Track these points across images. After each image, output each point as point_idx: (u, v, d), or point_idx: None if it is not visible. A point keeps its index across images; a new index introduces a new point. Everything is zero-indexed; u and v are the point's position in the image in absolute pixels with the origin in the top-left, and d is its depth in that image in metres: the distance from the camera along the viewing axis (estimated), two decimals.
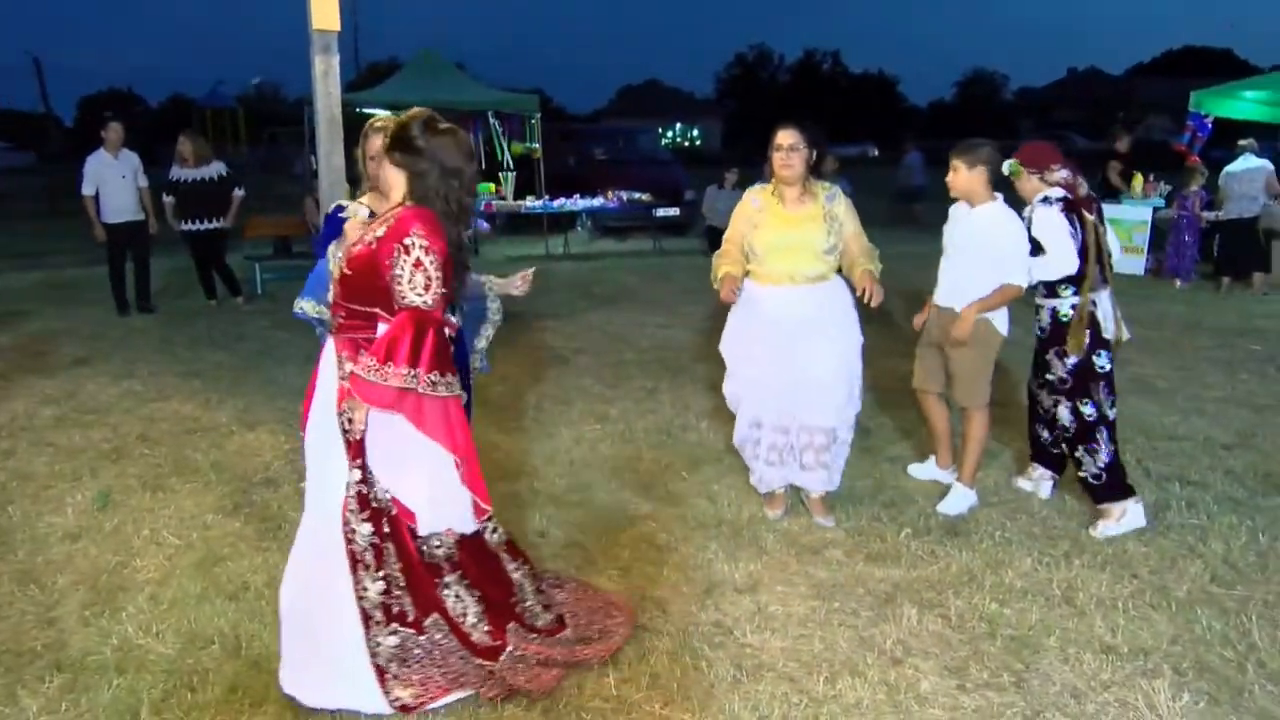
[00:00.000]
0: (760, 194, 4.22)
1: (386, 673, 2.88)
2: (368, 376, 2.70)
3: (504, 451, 5.24)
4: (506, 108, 14.27)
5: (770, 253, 4.11)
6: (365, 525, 2.86)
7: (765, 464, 4.30)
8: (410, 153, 2.85)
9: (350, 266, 2.83)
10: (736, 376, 4.32)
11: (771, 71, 73.41)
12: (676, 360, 7.34)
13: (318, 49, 4.57)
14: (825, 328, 4.12)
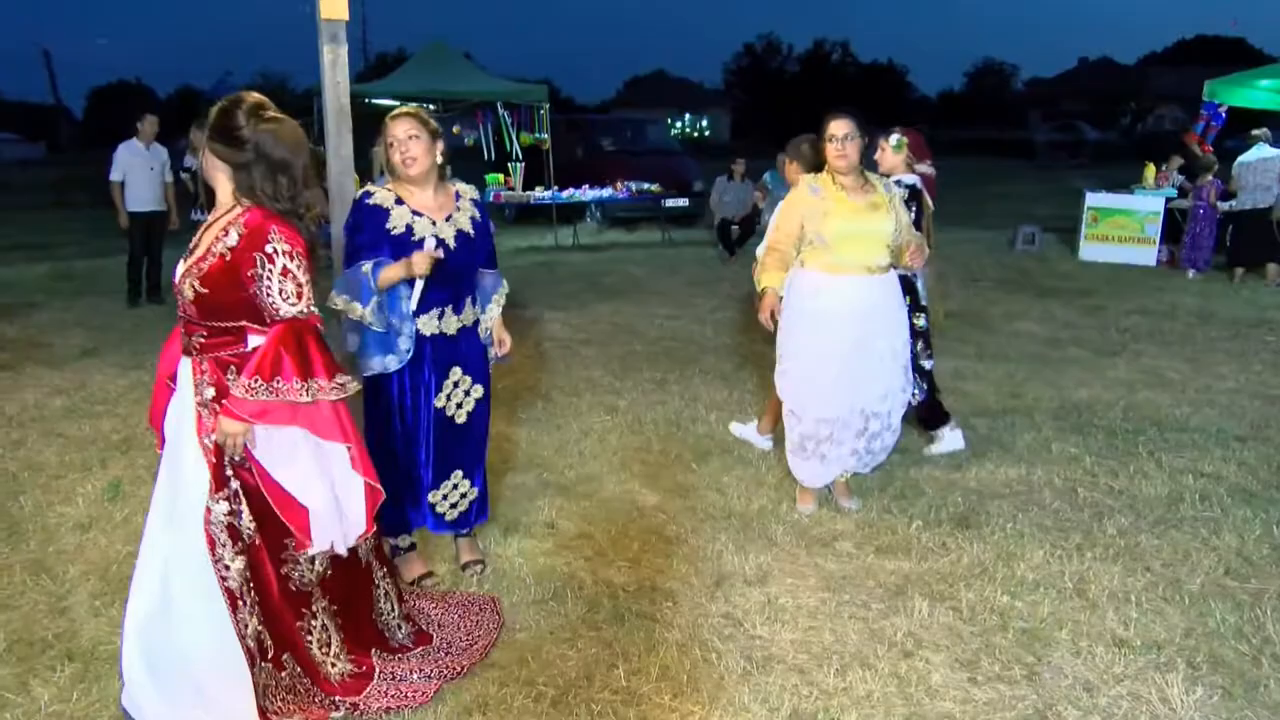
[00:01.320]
0: (820, 182, 4.11)
1: (268, 710, 2.71)
2: (254, 396, 2.48)
3: (513, 442, 5.23)
4: (515, 98, 14.22)
5: (842, 241, 4.02)
6: (238, 560, 2.62)
7: (817, 458, 4.25)
8: (230, 144, 2.57)
9: (205, 284, 2.54)
10: (801, 373, 4.19)
11: (780, 62, 73.09)
12: (685, 352, 7.33)
13: (326, 39, 4.55)
14: (889, 316, 4.13)
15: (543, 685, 3.00)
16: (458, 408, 3.57)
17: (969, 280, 10.40)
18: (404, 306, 3.38)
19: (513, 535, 4.06)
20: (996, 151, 40.46)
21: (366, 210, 3.36)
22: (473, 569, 3.74)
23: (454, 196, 3.49)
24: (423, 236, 3.33)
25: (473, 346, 3.59)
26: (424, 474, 3.60)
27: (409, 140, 3.31)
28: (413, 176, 3.37)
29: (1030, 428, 5.49)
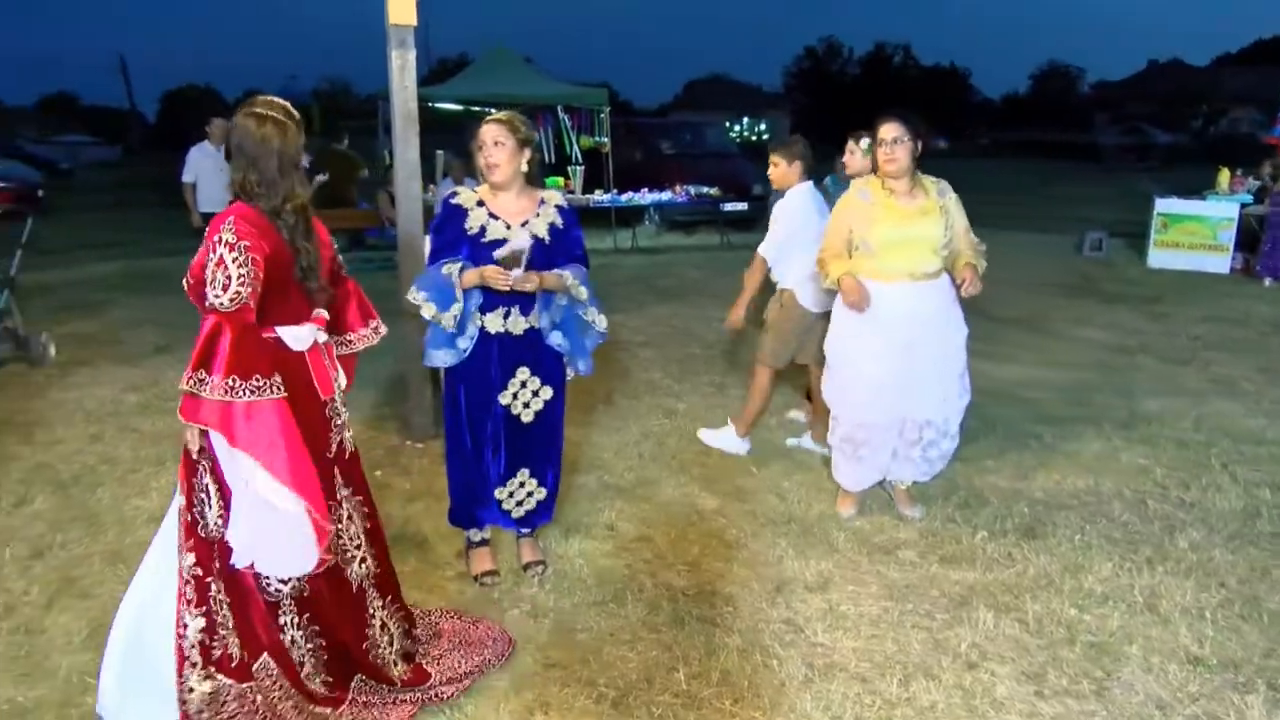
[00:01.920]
0: (869, 187, 4.07)
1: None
2: (180, 387, 2.48)
3: (572, 444, 5.25)
4: (575, 102, 14.29)
5: (888, 249, 3.97)
6: (189, 556, 2.61)
7: (868, 466, 4.23)
8: (231, 144, 2.70)
9: (192, 275, 2.57)
10: (844, 376, 4.18)
11: (841, 65, 72.60)
12: (743, 355, 7.29)
13: (394, 44, 4.61)
14: (939, 323, 4.06)
15: (604, 686, 3.01)
16: (524, 407, 3.59)
17: (1033, 285, 10.21)
18: (470, 307, 3.43)
19: (573, 536, 4.08)
20: (1062, 155, 39.72)
21: (449, 209, 3.48)
22: (534, 570, 3.77)
23: (538, 202, 3.53)
24: (494, 239, 3.39)
25: (544, 349, 3.59)
26: (491, 471, 3.64)
27: (494, 146, 3.39)
28: (494, 181, 3.44)
29: (1097, 437, 5.38)
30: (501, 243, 3.39)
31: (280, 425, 2.52)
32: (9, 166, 21.59)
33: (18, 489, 4.57)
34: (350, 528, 2.87)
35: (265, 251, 2.55)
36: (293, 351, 2.69)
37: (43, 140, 39.21)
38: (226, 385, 2.44)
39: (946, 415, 4.17)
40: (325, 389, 2.78)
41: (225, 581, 2.63)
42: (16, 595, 3.55)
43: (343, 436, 2.87)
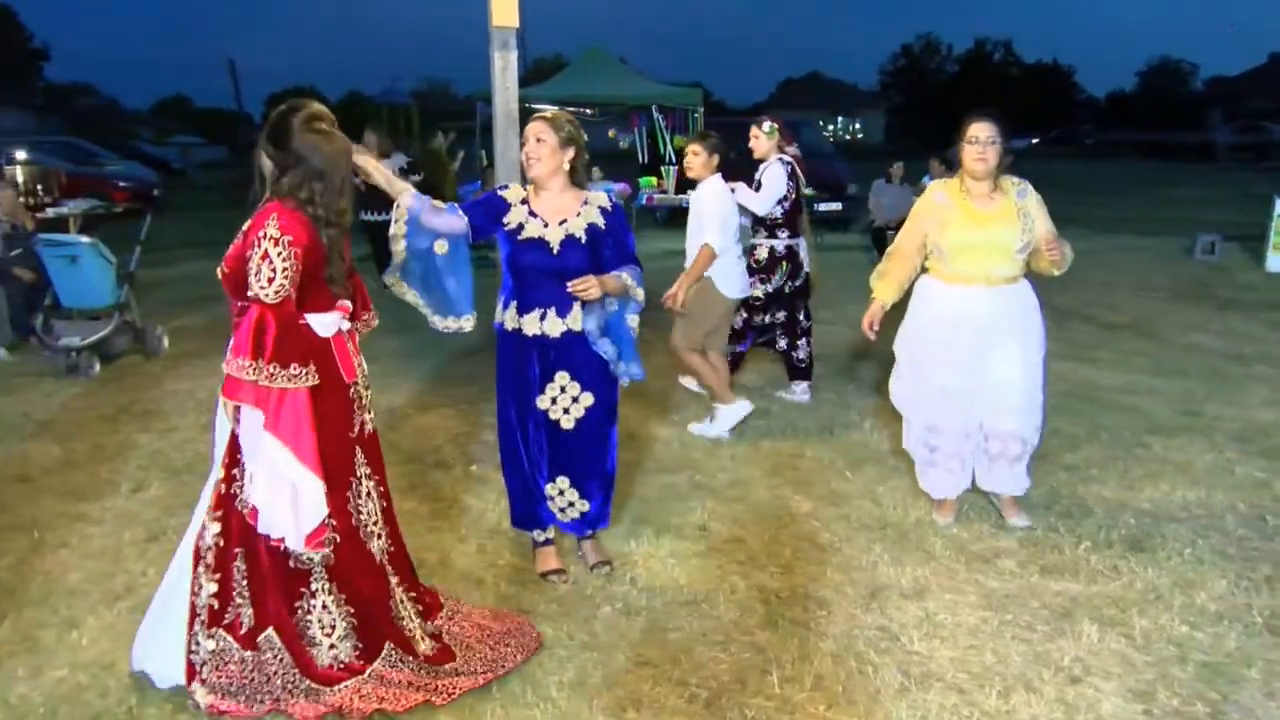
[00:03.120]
0: (946, 189, 4.00)
1: (198, 673, 2.86)
2: (226, 370, 2.68)
3: (663, 443, 5.27)
4: (670, 102, 14.33)
5: (959, 252, 3.91)
6: (215, 525, 2.81)
7: (943, 470, 4.16)
8: (279, 146, 2.77)
9: (228, 265, 2.76)
10: (912, 379, 4.15)
11: (939, 63, 71.14)
12: (838, 358, 7.22)
13: (497, 45, 4.69)
14: (1014, 330, 3.95)
15: (695, 686, 3.01)
16: (564, 413, 3.58)
17: (1141, 290, 9.85)
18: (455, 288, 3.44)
19: (665, 536, 4.08)
20: (1172, 155, 38.24)
21: (490, 195, 3.57)
22: (600, 570, 3.78)
23: (580, 202, 3.53)
24: (530, 236, 3.44)
25: (585, 352, 3.55)
26: (542, 471, 3.67)
27: (535, 142, 3.44)
28: (533, 176, 3.48)
29: (1210, 448, 5.16)
30: (538, 240, 3.43)
31: (308, 412, 2.72)
32: (128, 167, 22.60)
33: (136, 475, 4.78)
34: (368, 504, 3.01)
35: (304, 244, 2.71)
36: (319, 337, 2.85)
37: (158, 142, 40.92)
38: (269, 371, 2.63)
39: (1031, 424, 4.05)
40: (349, 373, 2.95)
41: (249, 554, 2.82)
42: (135, 576, 3.71)
43: (364, 417, 3.03)
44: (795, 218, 5.82)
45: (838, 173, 16.01)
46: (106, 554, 3.94)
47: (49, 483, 4.72)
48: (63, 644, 3.25)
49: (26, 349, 7.43)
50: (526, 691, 2.98)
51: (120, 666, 3.09)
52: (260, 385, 2.64)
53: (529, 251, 3.44)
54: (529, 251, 3.44)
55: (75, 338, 6.80)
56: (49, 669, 3.09)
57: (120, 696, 2.95)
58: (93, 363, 6.81)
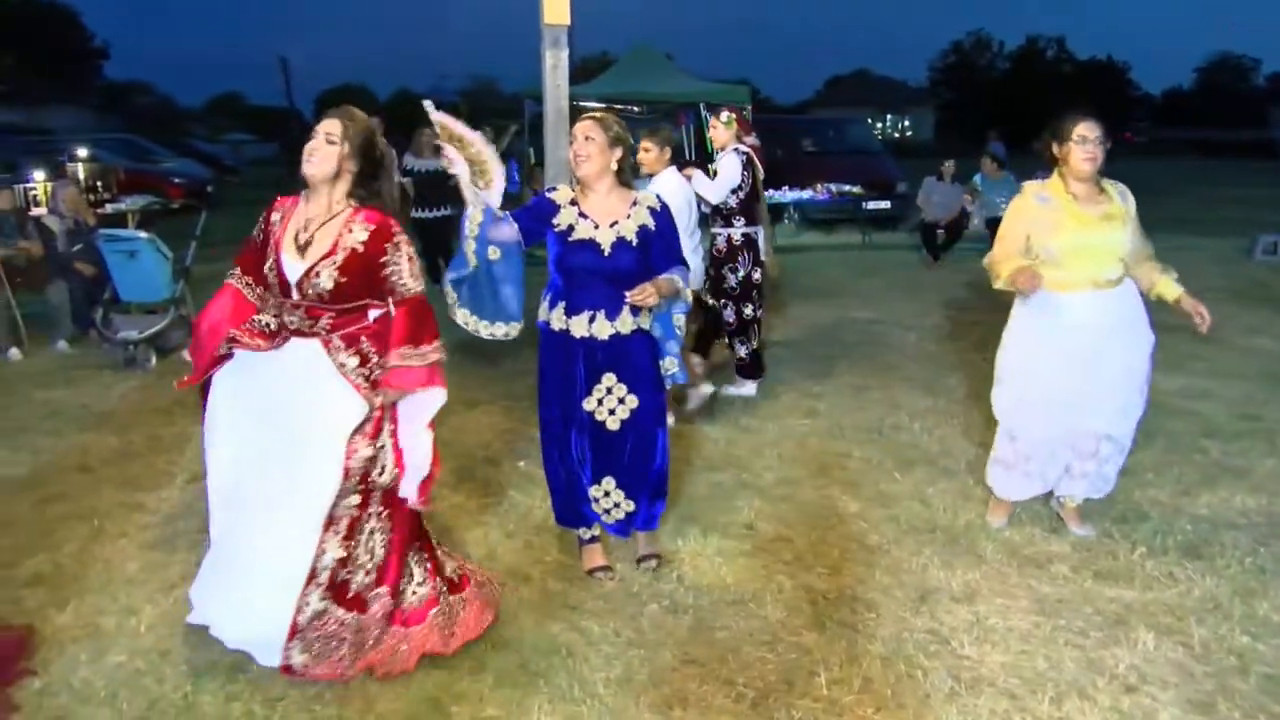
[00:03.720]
0: (1049, 190, 3.84)
1: (298, 632, 2.95)
2: (409, 362, 2.97)
3: (711, 440, 5.26)
4: (718, 99, 14.25)
5: (1071, 256, 3.75)
6: (354, 497, 2.98)
7: (1022, 474, 4.05)
8: (372, 160, 3.01)
9: (344, 274, 2.92)
10: (1019, 388, 3.97)
11: (990, 59, 70.17)
12: (886, 357, 7.15)
13: (548, 43, 4.70)
14: (1123, 333, 3.85)
15: (742, 686, 3.00)
16: (610, 414, 3.58)
17: (1200, 291, 9.57)
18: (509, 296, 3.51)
19: (711, 534, 4.07)
20: (1231, 153, 37.39)
21: (538, 198, 3.58)
22: (646, 564, 3.78)
23: (630, 203, 3.52)
24: (581, 238, 3.44)
25: (631, 355, 3.54)
26: (586, 472, 3.67)
27: (583, 140, 3.45)
28: (581, 176, 3.48)
29: (1271, 454, 5.04)
30: (589, 242, 3.43)
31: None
32: (182, 164, 23.04)
33: (190, 466, 4.86)
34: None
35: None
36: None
37: (211, 139, 41.63)
38: (439, 347, 3.07)
39: (1125, 429, 3.96)
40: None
41: (387, 518, 3.07)
42: (190, 565, 3.77)
43: None
44: (752, 206, 5.85)
45: (886, 171, 15.88)
46: (163, 543, 4.02)
47: (108, 473, 4.83)
48: (122, 630, 3.32)
49: (86, 342, 7.59)
50: (573, 687, 2.99)
51: (176, 654, 3.16)
52: (440, 363, 3.04)
53: (579, 253, 3.45)
54: (579, 253, 3.45)
55: (133, 331, 6.95)
56: (109, 654, 3.17)
57: (176, 683, 3.01)
58: (149, 356, 6.96)
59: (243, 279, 3.12)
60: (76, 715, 2.86)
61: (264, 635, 2.98)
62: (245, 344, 2.99)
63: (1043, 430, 3.96)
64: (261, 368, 3.01)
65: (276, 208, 3.12)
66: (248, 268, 3.12)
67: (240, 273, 3.12)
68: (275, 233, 3.04)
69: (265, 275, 3.03)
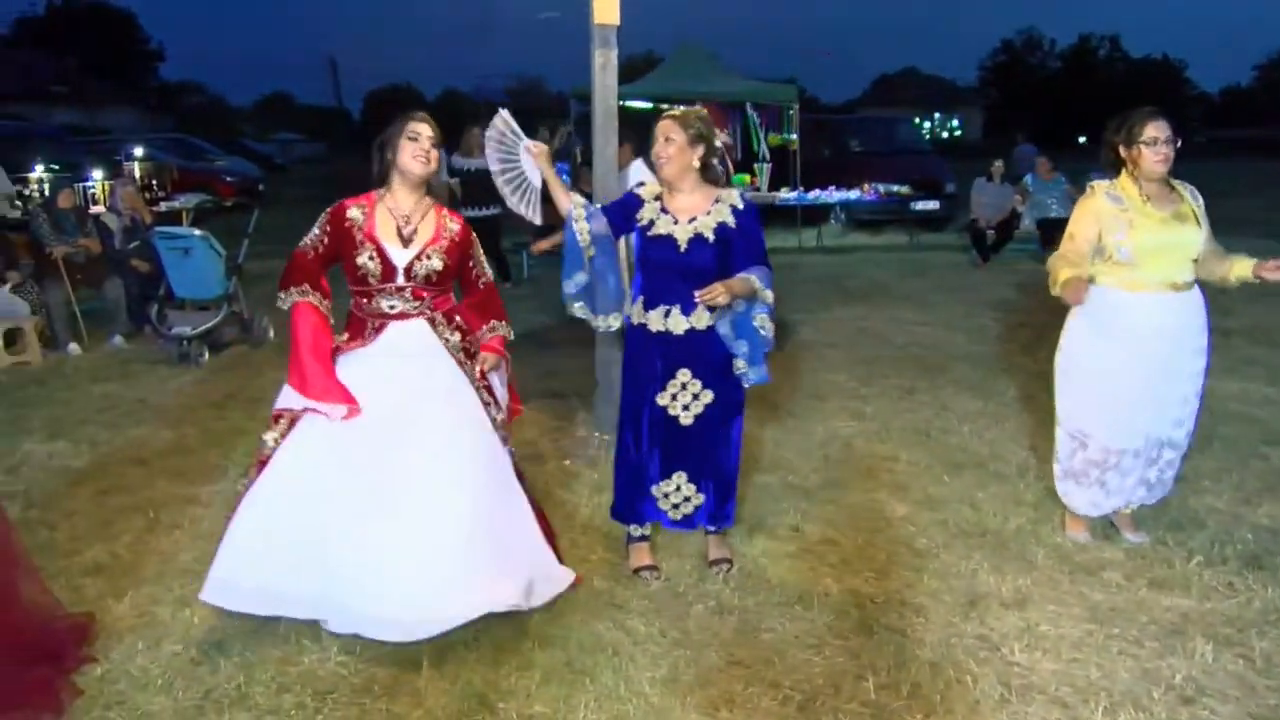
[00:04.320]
0: (1120, 190, 3.76)
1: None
2: (500, 332, 3.53)
3: (757, 442, 5.23)
4: (764, 99, 14.22)
5: (1147, 256, 3.65)
6: (499, 447, 3.46)
7: (1096, 488, 3.93)
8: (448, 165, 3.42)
9: (448, 257, 3.37)
10: (1090, 396, 3.87)
11: (1041, 58, 69.18)
12: (934, 359, 7.07)
13: (598, 43, 4.70)
14: (1191, 336, 3.77)
15: (789, 689, 2.99)
16: (683, 409, 3.59)
17: (1260, 295, 9.38)
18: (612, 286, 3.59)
19: (757, 535, 4.06)
20: None
21: (627, 194, 3.68)
22: (718, 568, 3.76)
23: (712, 200, 3.53)
24: (659, 233, 3.47)
25: (707, 351, 3.55)
26: (652, 468, 3.67)
27: (664, 141, 3.47)
28: (664, 176, 3.50)
29: None
30: (666, 237, 3.46)
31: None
32: (233, 162, 23.45)
33: (243, 460, 4.92)
34: None
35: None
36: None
37: (260, 138, 42.27)
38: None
39: (1183, 433, 3.89)
40: None
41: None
42: None
43: None
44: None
45: (935, 171, 15.71)
46: (215, 536, 4.01)
47: (163, 466, 4.92)
48: (177, 621, 3.39)
49: (141, 338, 7.76)
50: (619, 686, 3.00)
51: (229, 645, 3.21)
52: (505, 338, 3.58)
53: (657, 248, 3.48)
54: (657, 248, 3.48)
55: (186, 327, 7.08)
56: (165, 643, 3.23)
57: (230, 674, 3.06)
58: (202, 351, 7.09)
59: (313, 294, 3.29)
60: (135, 702, 2.91)
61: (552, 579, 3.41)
62: (348, 348, 3.31)
63: (1114, 439, 3.86)
64: (367, 360, 3.29)
65: (348, 208, 3.33)
66: (315, 282, 3.32)
67: (310, 288, 3.29)
68: (363, 228, 3.30)
69: (361, 266, 3.28)
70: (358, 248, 3.27)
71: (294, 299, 3.28)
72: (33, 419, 5.76)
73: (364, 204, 3.35)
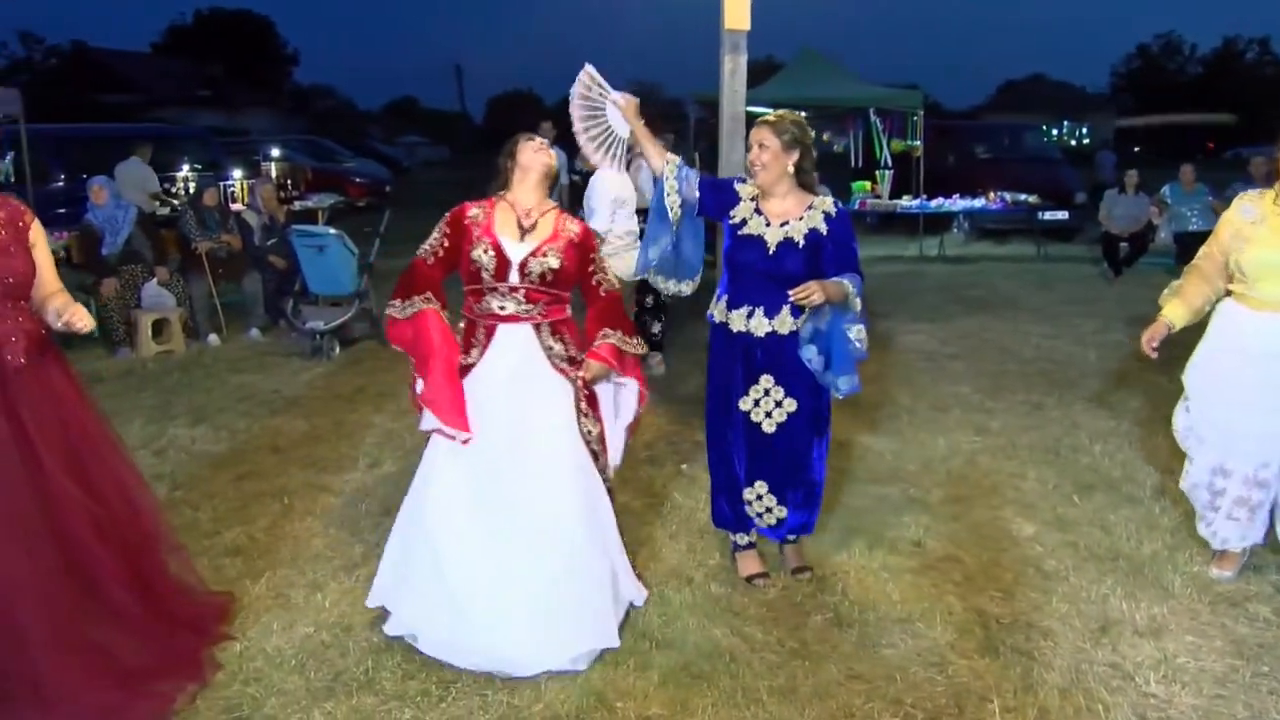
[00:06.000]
0: (1256, 202, 3.58)
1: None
2: (609, 340, 3.31)
3: (876, 454, 5.15)
4: (889, 104, 13.98)
5: (1261, 273, 3.48)
6: (596, 473, 3.37)
7: (1227, 518, 3.72)
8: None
9: (565, 257, 3.23)
10: (1200, 411, 3.74)
11: (1180, 63, 66.10)
12: (1064, 375, 6.83)
13: (727, 48, 4.71)
14: None
15: (910, 707, 2.93)
16: (766, 416, 3.55)
17: None
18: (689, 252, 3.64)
19: (877, 549, 3.99)
20: None
21: (730, 184, 3.63)
22: (800, 575, 3.73)
23: (805, 206, 3.49)
24: (750, 233, 3.46)
25: (791, 358, 3.49)
26: (740, 473, 3.65)
27: (758, 148, 3.46)
28: (760, 183, 3.48)
29: None
30: (756, 238, 3.45)
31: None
32: (362, 164, 24.26)
33: (372, 452, 5.12)
34: None
35: None
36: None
37: (387, 141, 43.63)
38: (639, 342, 3.45)
39: None
40: None
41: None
42: (371, 546, 3.97)
43: None
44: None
45: (1064, 180, 15.18)
46: (346, 524, 4.24)
47: (297, 454, 5.13)
48: (309, 604, 3.52)
49: (276, 331, 8.11)
50: (737, 692, 2.99)
51: (358, 630, 3.33)
52: (638, 359, 3.47)
53: (746, 248, 3.47)
54: (746, 248, 3.47)
55: (320, 322, 7.36)
56: (298, 625, 3.37)
57: (358, 658, 3.17)
58: (334, 345, 7.36)
59: (436, 302, 3.29)
60: (270, 679, 3.04)
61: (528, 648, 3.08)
62: (466, 363, 3.28)
63: (1223, 460, 3.68)
64: (475, 383, 3.25)
65: (469, 208, 3.34)
66: (437, 290, 3.31)
67: (432, 296, 3.29)
68: (481, 224, 3.28)
69: (475, 260, 3.22)
70: (474, 242, 3.23)
71: (418, 306, 3.25)
72: (177, 405, 6.08)
73: (485, 205, 3.35)
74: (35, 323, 2.88)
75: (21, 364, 2.78)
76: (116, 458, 3.08)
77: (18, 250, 2.82)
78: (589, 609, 3.15)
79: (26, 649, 2.69)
